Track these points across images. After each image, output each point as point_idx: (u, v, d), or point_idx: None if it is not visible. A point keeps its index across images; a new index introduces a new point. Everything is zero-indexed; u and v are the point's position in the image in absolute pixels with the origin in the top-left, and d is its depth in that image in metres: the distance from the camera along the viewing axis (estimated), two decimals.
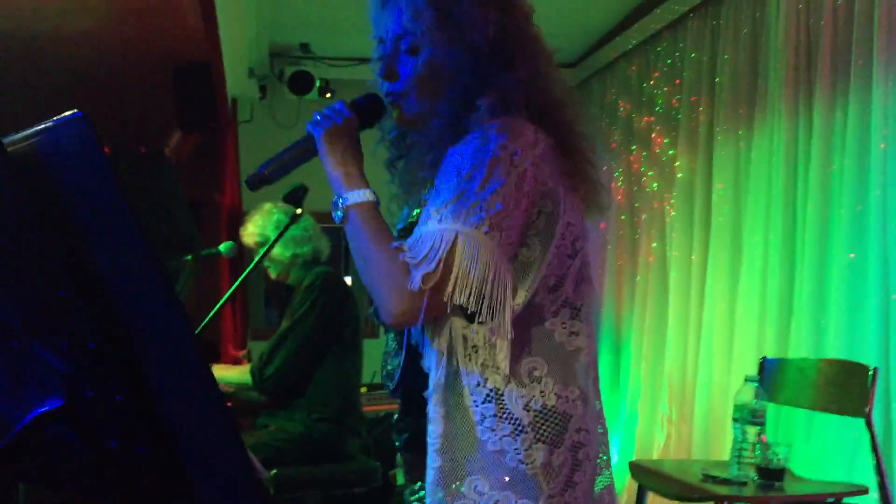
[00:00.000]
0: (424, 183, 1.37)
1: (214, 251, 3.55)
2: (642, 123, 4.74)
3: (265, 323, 6.06)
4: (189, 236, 4.60)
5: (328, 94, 5.55)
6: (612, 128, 5.05)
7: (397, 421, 1.53)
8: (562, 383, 1.28)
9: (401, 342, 1.44)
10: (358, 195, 1.31)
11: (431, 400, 1.31)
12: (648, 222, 4.61)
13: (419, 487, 1.46)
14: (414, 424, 1.45)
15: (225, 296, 2.92)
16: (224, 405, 0.93)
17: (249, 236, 3.46)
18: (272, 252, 3.28)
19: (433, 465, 1.30)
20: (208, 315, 2.91)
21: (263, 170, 1.36)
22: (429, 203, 1.26)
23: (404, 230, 1.40)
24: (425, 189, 1.37)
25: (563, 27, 4.81)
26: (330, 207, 1.34)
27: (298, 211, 2.87)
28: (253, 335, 5.55)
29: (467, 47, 1.33)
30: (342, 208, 1.31)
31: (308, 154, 1.38)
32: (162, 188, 4.68)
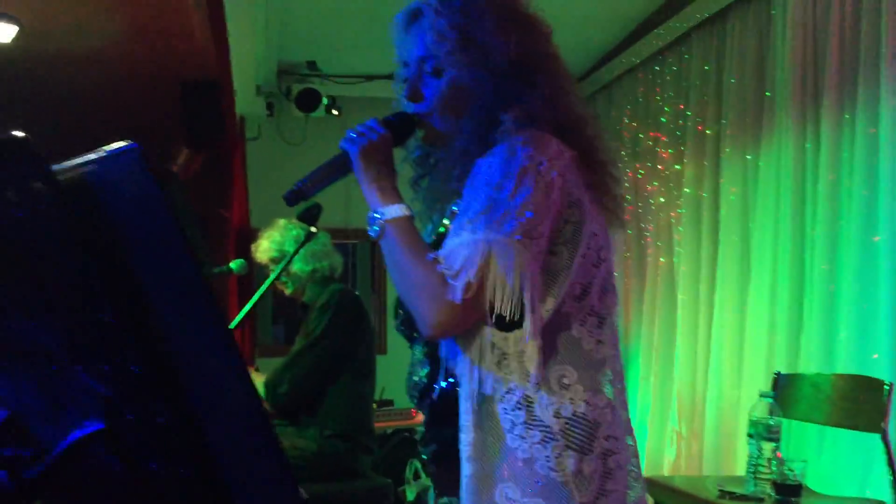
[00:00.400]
0: (452, 195, 1.38)
1: (226, 268, 3.55)
2: (648, 138, 4.75)
3: (272, 340, 6.05)
4: (199, 254, 4.60)
5: (335, 112, 5.57)
6: (617, 143, 5.06)
7: (424, 433, 1.53)
8: (591, 391, 1.28)
9: (429, 352, 1.44)
10: (394, 210, 1.33)
11: (462, 408, 1.32)
12: (655, 237, 4.61)
13: (446, 503, 1.45)
14: (440, 435, 1.44)
15: (242, 311, 2.93)
16: (270, 427, 0.93)
17: (264, 252, 3.42)
18: (292, 267, 3.28)
19: (465, 472, 1.31)
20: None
21: (300, 186, 1.38)
22: (459, 214, 1.28)
23: (433, 244, 1.40)
24: (453, 201, 1.39)
25: (569, 43, 4.80)
26: (338, 224, 1.34)
27: (313, 229, 2.88)
28: (260, 352, 5.54)
29: (490, 68, 1.35)
30: (379, 223, 1.33)
31: (343, 171, 1.40)
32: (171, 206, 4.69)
